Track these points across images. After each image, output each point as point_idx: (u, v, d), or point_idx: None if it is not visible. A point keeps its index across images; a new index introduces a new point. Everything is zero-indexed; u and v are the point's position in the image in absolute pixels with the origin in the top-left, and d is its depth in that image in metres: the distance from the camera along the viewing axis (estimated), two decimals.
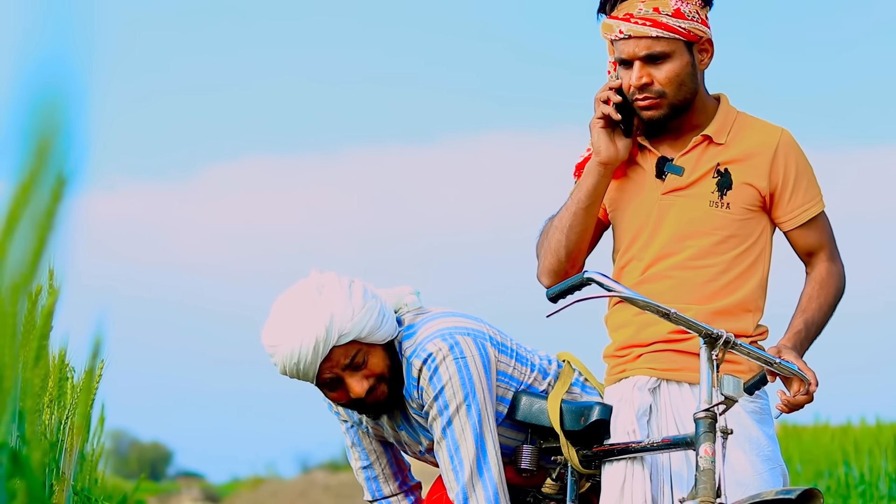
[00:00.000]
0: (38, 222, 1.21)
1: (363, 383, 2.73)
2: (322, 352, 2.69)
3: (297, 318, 2.70)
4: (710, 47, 2.80)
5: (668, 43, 2.73)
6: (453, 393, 2.75)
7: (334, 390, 2.77)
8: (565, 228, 2.84)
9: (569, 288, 2.52)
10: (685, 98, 2.77)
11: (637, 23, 2.73)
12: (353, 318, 2.70)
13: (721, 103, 2.87)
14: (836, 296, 2.84)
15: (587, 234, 2.85)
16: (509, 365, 2.88)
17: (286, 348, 2.70)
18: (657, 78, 2.74)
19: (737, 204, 2.79)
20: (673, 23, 2.73)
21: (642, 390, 2.77)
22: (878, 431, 9.42)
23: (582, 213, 2.83)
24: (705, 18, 2.79)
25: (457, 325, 2.81)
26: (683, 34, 2.73)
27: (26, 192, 1.41)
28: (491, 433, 2.78)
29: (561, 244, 2.84)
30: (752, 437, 2.74)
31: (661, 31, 2.72)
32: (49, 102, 1.12)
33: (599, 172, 2.81)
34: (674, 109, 2.77)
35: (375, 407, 2.80)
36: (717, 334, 2.46)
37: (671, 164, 2.82)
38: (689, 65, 2.76)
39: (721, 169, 2.80)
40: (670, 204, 2.81)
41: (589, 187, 2.82)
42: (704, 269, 2.79)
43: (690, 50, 2.76)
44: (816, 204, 2.84)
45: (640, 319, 2.80)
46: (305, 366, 2.70)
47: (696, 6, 2.76)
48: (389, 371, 2.77)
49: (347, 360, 2.71)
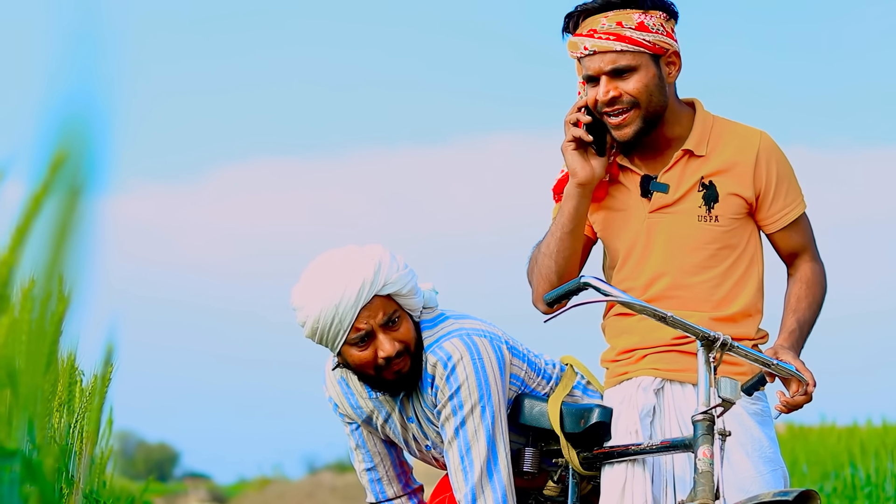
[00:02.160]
0: (53, 230, 1.24)
1: (395, 344, 2.75)
2: (366, 295, 2.71)
3: (344, 265, 2.74)
4: (677, 60, 2.80)
5: (633, 56, 2.73)
6: (469, 393, 2.78)
7: (363, 348, 2.77)
8: (553, 254, 2.84)
9: (566, 293, 2.55)
10: (656, 110, 2.77)
11: (601, 38, 2.74)
12: (399, 272, 2.75)
13: (696, 111, 2.87)
14: (822, 295, 2.87)
15: (576, 255, 2.86)
16: (521, 368, 2.91)
17: (329, 293, 2.71)
18: (625, 90, 2.74)
19: (725, 216, 2.81)
20: (637, 36, 2.73)
21: (647, 391, 2.79)
22: (884, 433, 9.42)
23: (568, 238, 2.83)
24: (671, 31, 2.78)
25: (474, 326, 2.85)
26: (648, 47, 2.74)
27: (38, 201, 1.44)
28: (503, 436, 2.80)
29: (551, 270, 2.85)
30: (753, 438, 2.76)
31: (625, 45, 2.73)
32: (66, 114, 1.15)
33: (579, 194, 2.81)
34: (646, 122, 2.77)
35: (394, 381, 2.81)
36: (714, 336, 2.48)
37: (655, 182, 2.82)
38: (656, 77, 2.75)
39: (706, 182, 2.81)
40: (658, 222, 2.82)
41: (571, 211, 2.82)
42: (702, 285, 2.81)
43: (657, 63, 2.76)
44: (798, 205, 2.86)
45: (643, 326, 2.81)
46: (345, 310, 2.71)
47: (660, 19, 2.76)
48: (415, 346, 2.80)
49: (386, 315, 2.74)
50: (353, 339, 2.76)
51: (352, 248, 2.80)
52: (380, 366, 2.78)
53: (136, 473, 31.71)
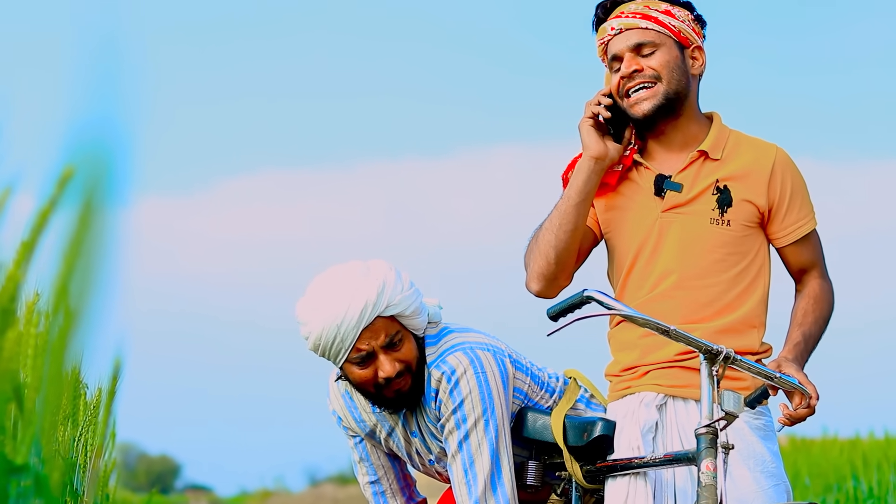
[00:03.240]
0: (62, 245, 1.25)
1: (395, 365, 2.76)
2: (369, 316, 2.71)
3: (347, 284, 2.73)
4: (700, 55, 2.86)
5: (657, 34, 2.81)
6: (472, 407, 2.78)
7: (363, 367, 2.77)
8: (555, 228, 2.83)
9: (569, 306, 2.55)
10: (677, 90, 2.81)
11: (628, 17, 2.83)
12: (403, 293, 2.75)
13: (714, 121, 2.90)
14: (829, 312, 2.87)
15: (577, 233, 2.83)
16: (524, 382, 2.91)
17: (332, 312, 2.72)
18: (647, 65, 2.81)
19: (737, 221, 2.81)
20: (663, 18, 2.82)
21: (649, 407, 2.79)
22: (886, 445, 9.42)
23: (573, 211, 2.82)
24: (698, 31, 2.86)
25: (478, 340, 2.85)
26: (673, 31, 2.81)
27: (45, 216, 1.45)
28: (506, 449, 2.80)
29: (550, 244, 2.83)
30: (755, 453, 2.76)
31: (650, 24, 2.81)
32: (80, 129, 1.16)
33: (590, 168, 2.81)
34: (667, 100, 2.80)
35: (396, 397, 2.82)
36: (717, 350, 2.49)
37: (670, 181, 2.83)
38: (678, 58, 2.82)
39: (720, 185, 2.82)
40: (671, 221, 2.83)
41: (580, 184, 2.81)
42: (708, 288, 2.81)
43: (681, 50, 2.83)
44: (810, 221, 2.87)
45: (645, 342, 2.82)
46: (346, 330, 2.71)
47: (687, 17, 2.85)
48: (416, 365, 2.80)
49: (387, 336, 2.74)
50: (354, 359, 2.77)
51: (357, 265, 2.79)
52: (380, 384, 2.78)
53: (137, 486, 31.68)
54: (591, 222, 2.93)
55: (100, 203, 1.22)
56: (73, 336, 1.40)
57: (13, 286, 1.44)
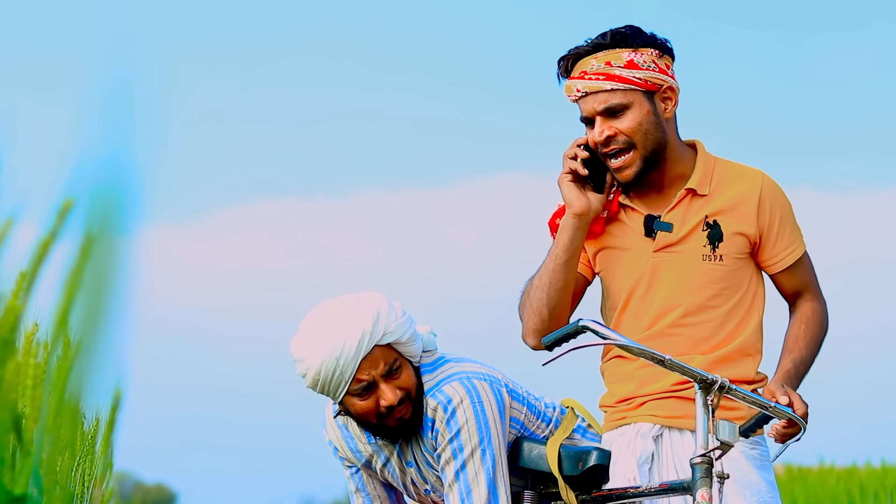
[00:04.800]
0: (64, 277, 1.26)
1: (397, 392, 2.76)
2: (366, 346, 2.72)
3: (341, 318, 2.74)
4: (673, 95, 2.80)
5: (624, 94, 2.76)
6: (469, 437, 2.79)
7: (364, 398, 2.78)
8: (545, 286, 2.84)
9: (564, 336, 2.56)
10: (654, 148, 2.78)
11: (591, 79, 2.77)
12: (397, 320, 2.76)
13: (698, 152, 2.88)
14: (821, 334, 2.88)
15: (568, 289, 2.85)
16: (521, 412, 2.92)
17: (328, 346, 2.72)
18: (619, 129, 2.76)
19: (729, 255, 2.81)
20: (626, 74, 2.76)
21: (646, 437, 2.80)
22: (883, 474, 9.41)
23: (561, 269, 2.83)
24: (665, 67, 2.80)
25: (474, 369, 2.86)
26: (639, 84, 2.76)
27: (46, 247, 1.46)
28: (503, 479, 2.81)
29: (542, 303, 2.84)
30: (751, 483, 2.77)
31: (615, 84, 2.75)
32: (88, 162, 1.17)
33: (574, 225, 2.82)
34: (646, 161, 2.78)
35: (396, 428, 2.82)
36: (711, 379, 2.49)
37: (660, 222, 2.83)
38: (650, 114, 2.77)
39: (710, 221, 2.82)
40: (662, 261, 2.83)
41: (566, 242, 2.82)
42: (705, 324, 2.81)
43: (651, 99, 2.78)
44: (799, 246, 2.87)
45: (641, 374, 2.82)
46: (346, 362, 2.72)
47: (651, 56, 2.78)
48: (416, 392, 2.81)
49: (387, 365, 2.75)
50: (354, 390, 2.77)
51: (348, 298, 2.80)
52: (382, 414, 2.79)
53: None
54: (583, 267, 2.94)
55: (101, 234, 1.23)
56: (72, 366, 1.41)
57: (13, 317, 1.45)
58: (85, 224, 1.27)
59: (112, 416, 1.75)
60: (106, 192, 1.19)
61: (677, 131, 2.86)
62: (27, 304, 1.44)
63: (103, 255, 1.24)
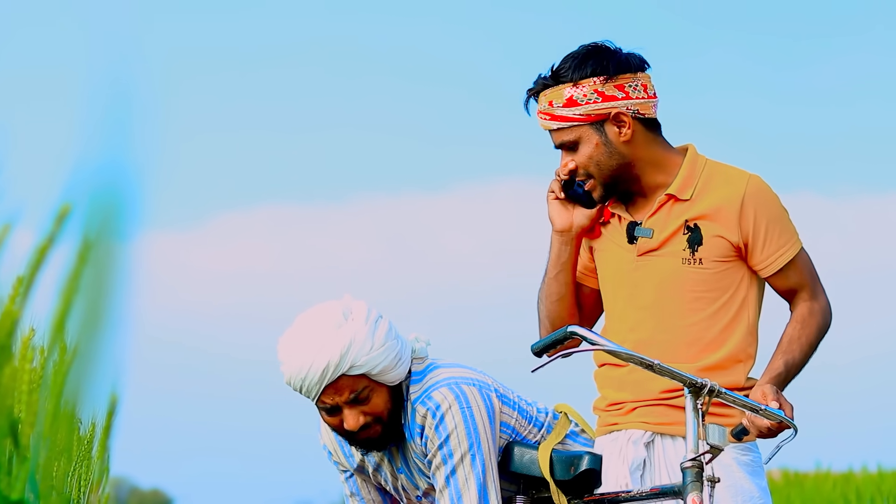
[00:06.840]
0: (61, 283, 1.28)
1: (359, 419, 2.77)
2: (330, 377, 2.73)
3: (316, 336, 2.75)
4: (626, 119, 2.80)
5: (570, 131, 2.82)
6: (458, 442, 2.80)
7: (331, 415, 2.81)
8: (544, 298, 2.98)
9: (552, 342, 2.59)
10: (612, 174, 2.83)
11: (541, 118, 2.86)
12: (370, 354, 2.75)
13: (688, 156, 2.89)
14: (818, 334, 2.86)
15: (564, 301, 2.95)
16: (512, 417, 2.93)
17: (297, 363, 2.75)
18: (577, 161, 2.85)
19: (709, 258, 2.82)
20: (566, 112, 2.81)
21: (637, 444, 2.81)
22: (879, 480, 9.42)
23: (554, 283, 2.95)
24: (613, 93, 2.79)
25: (463, 375, 2.87)
26: (580, 119, 2.81)
27: (43, 252, 1.47)
28: (494, 484, 2.82)
29: (545, 315, 2.98)
30: (743, 489, 2.78)
31: (559, 123, 2.83)
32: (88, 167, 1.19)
33: (559, 241, 2.93)
34: (608, 187, 2.85)
35: (367, 443, 2.85)
36: (701, 383, 2.51)
37: (640, 228, 2.87)
38: (600, 144, 2.81)
39: (690, 224, 2.84)
40: (643, 265, 2.86)
41: (553, 257, 2.95)
42: (688, 328, 2.83)
43: (601, 129, 2.81)
44: (792, 247, 2.85)
45: (632, 379, 2.83)
46: (309, 385, 2.74)
47: (593, 86, 2.79)
48: (389, 414, 2.81)
49: (353, 393, 2.75)
50: (321, 407, 2.81)
51: (336, 312, 2.79)
52: (348, 432, 2.81)
53: None
54: (588, 277, 3.00)
55: (99, 239, 1.24)
56: (69, 372, 1.43)
57: (10, 322, 1.46)
58: (82, 229, 1.29)
59: (108, 421, 1.76)
60: (104, 197, 1.20)
61: (658, 140, 2.88)
62: (24, 309, 1.46)
63: (101, 261, 1.26)
